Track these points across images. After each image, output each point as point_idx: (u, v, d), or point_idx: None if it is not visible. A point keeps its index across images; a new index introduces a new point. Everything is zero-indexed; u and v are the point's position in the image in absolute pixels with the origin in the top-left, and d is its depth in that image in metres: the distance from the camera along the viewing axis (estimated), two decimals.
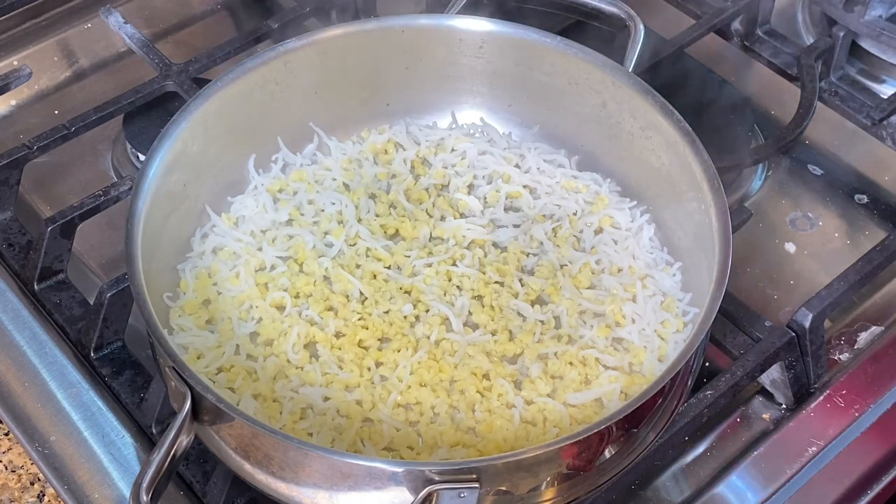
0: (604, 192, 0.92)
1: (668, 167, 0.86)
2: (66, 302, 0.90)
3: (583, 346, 0.82)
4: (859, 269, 0.88)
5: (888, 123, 1.04)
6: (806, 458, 0.82)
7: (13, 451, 0.84)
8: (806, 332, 0.84)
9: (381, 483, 0.67)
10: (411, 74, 0.95)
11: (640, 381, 0.80)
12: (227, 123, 0.88)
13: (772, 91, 1.10)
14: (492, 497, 0.68)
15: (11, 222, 0.96)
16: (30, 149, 0.97)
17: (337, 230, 0.89)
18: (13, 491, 0.82)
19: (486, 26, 0.91)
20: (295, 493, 0.71)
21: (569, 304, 0.84)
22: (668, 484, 0.82)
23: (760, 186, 1.03)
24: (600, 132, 0.92)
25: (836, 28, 1.09)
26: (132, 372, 0.86)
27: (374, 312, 0.84)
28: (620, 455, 0.73)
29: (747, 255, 0.97)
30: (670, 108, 0.85)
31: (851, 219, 1.01)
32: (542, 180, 0.93)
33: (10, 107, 1.12)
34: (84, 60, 1.16)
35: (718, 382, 0.82)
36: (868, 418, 0.84)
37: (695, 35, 1.09)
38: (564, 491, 0.72)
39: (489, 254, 0.89)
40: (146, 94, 1.02)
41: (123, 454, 0.81)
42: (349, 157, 0.95)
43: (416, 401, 0.79)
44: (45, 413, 0.83)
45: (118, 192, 0.93)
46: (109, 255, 0.97)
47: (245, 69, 0.88)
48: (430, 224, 0.90)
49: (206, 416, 0.71)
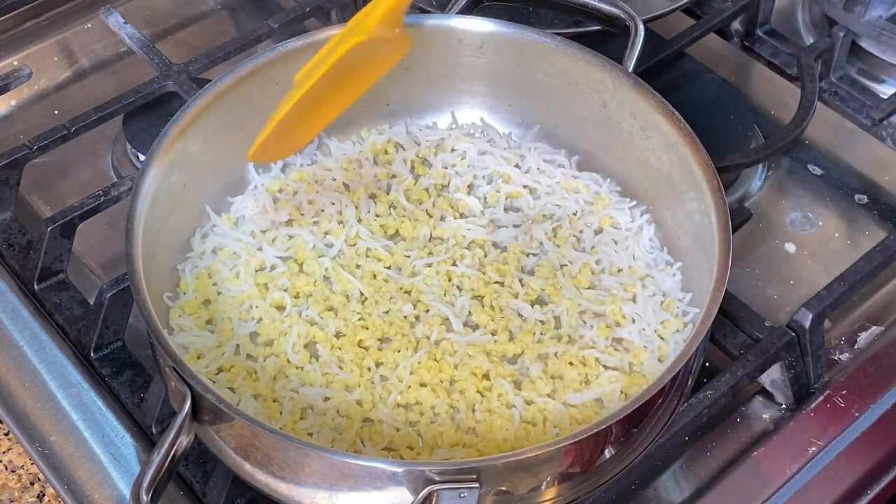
0: (604, 193, 0.92)
1: (668, 167, 0.86)
2: (66, 302, 0.90)
3: (583, 346, 0.82)
4: (859, 269, 0.88)
5: (888, 123, 1.04)
6: (806, 458, 0.82)
7: (13, 451, 0.84)
8: (806, 332, 0.84)
9: (381, 483, 0.67)
10: (411, 74, 0.95)
11: (640, 381, 0.80)
12: (227, 123, 0.88)
13: (772, 91, 1.10)
14: (492, 497, 0.68)
15: (11, 222, 0.96)
16: (30, 149, 0.97)
17: (337, 230, 0.89)
18: (13, 491, 0.82)
19: (486, 26, 0.91)
20: (295, 493, 0.71)
21: (569, 304, 0.84)
22: (668, 484, 0.82)
23: (760, 186, 1.03)
24: (600, 132, 0.92)
25: (836, 28, 1.09)
26: (132, 372, 0.86)
27: (374, 312, 0.84)
28: (620, 455, 0.73)
29: (747, 255, 0.97)
30: (670, 108, 0.85)
31: (851, 219, 1.00)
32: (542, 180, 0.93)
33: (10, 107, 1.12)
34: (84, 60, 1.16)
35: (718, 382, 0.82)
36: (868, 418, 0.84)
37: (695, 35, 1.09)
38: (564, 491, 0.72)
39: (489, 254, 0.89)
40: (146, 94, 1.02)
41: (123, 454, 0.81)
42: (349, 157, 0.95)
43: (416, 401, 0.79)
44: (45, 413, 0.83)
45: (118, 192, 0.93)
46: (109, 255, 0.97)
47: (245, 69, 0.88)
48: (430, 224, 0.90)
49: (206, 416, 0.71)
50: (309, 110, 0.82)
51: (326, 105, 0.84)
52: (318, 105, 0.83)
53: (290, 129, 0.83)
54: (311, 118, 0.84)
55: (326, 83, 0.80)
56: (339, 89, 0.83)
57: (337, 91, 0.83)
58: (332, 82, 0.81)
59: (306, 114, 0.82)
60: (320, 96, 0.81)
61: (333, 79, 0.81)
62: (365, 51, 0.80)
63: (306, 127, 0.85)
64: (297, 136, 0.86)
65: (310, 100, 0.80)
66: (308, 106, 0.81)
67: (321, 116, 0.85)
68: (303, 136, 0.88)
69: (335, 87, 0.82)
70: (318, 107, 0.83)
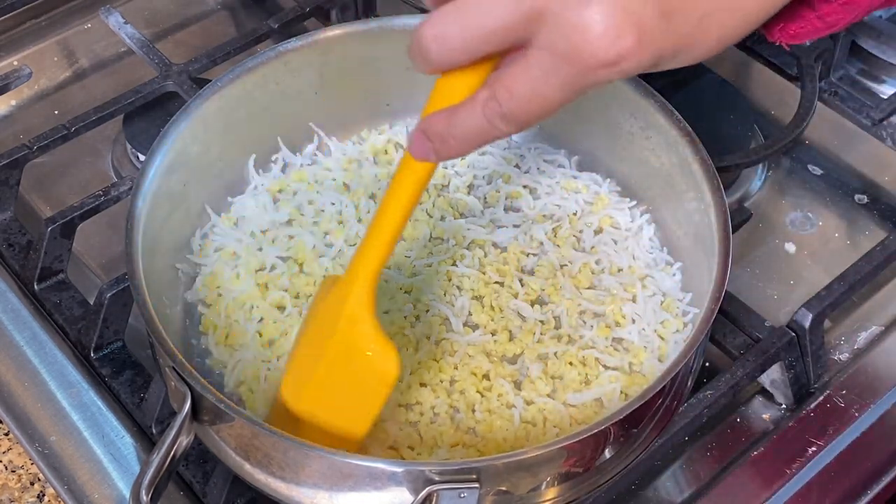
0: (604, 193, 0.92)
1: (668, 167, 0.86)
2: (66, 302, 0.90)
3: (583, 346, 0.82)
4: (859, 269, 0.88)
5: (888, 123, 1.04)
6: (806, 458, 0.82)
7: (13, 451, 0.84)
8: (806, 332, 0.84)
9: (381, 483, 0.67)
10: (411, 74, 0.93)
11: (640, 381, 0.80)
12: (227, 123, 0.88)
13: (772, 91, 1.10)
14: (492, 497, 0.68)
15: (11, 222, 0.96)
16: (30, 149, 0.97)
17: (337, 230, 0.89)
18: (13, 491, 0.82)
19: None
20: (295, 493, 0.71)
21: (569, 304, 0.84)
22: (668, 484, 0.82)
23: (760, 186, 1.03)
24: (600, 132, 0.92)
25: None
26: (132, 372, 0.86)
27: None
28: (620, 455, 0.73)
29: (747, 255, 0.97)
30: (670, 108, 0.85)
31: (851, 219, 1.01)
32: (542, 180, 0.93)
33: (10, 107, 1.12)
34: (84, 60, 1.16)
35: (718, 382, 0.82)
36: (868, 418, 0.84)
37: None
38: (564, 491, 0.72)
39: (489, 254, 0.89)
40: (146, 94, 1.02)
41: (123, 454, 0.81)
42: (349, 157, 0.95)
43: (416, 401, 0.79)
44: (45, 413, 0.83)
45: (118, 192, 0.93)
46: (109, 255, 0.97)
47: (245, 69, 0.88)
48: (429, 224, 0.90)
49: (206, 416, 0.71)
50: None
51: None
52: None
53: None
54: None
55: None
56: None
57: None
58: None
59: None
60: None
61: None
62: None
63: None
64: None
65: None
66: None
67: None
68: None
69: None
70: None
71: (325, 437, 0.72)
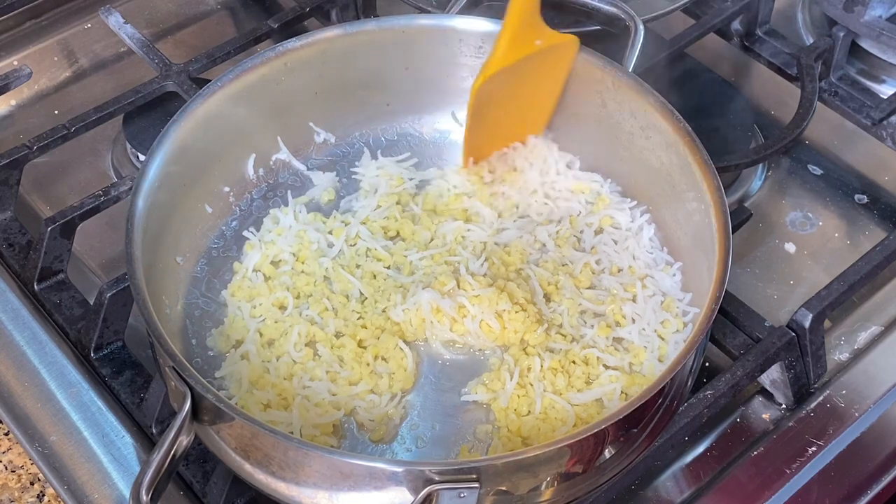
0: (604, 193, 0.92)
1: (668, 167, 0.86)
2: (66, 302, 0.90)
3: (584, 346, 0.82)
4: (859, 269, 0.88)
5: (888, 123, 1.04)
6: (806, 458, 0.82)
7: (13, 451, 0.84)
8: (806, 332, 0.84)
9: (381, 483, 0.67)
10: (411, 74, 0.95)
11: (641, 381, 0.80)
12: (227, 123, 0.88)
13: (772, 91, 1.10)
14: (492, 497, 0.68)
15: (11, 222, 0.96)
16: (30, 149, 0.97)
17: (338, 230, 0.89)
18: (13, 491, 0.82)
19: (486, 26, 0.91)
20: (295, 493, 0.71)
21: (569, 303, 0.84)
22: (668, 484, 0.82)
23: (760, 186, 1.03)
24: (600, 132, 0.92)
25: (836, 28, 1.09)
26: (132, 372, 0.86)
27: (373, 311, 0.84)
28: (620, 455, 0.73)
29: (747, 255, 0.97)
30: (670, 108, 0.85)
31: (851, 219, 1.01)
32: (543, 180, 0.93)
33: (10, 107, 1.12)
34: (84, 60, 1.16)
35: (718, 382, 0.82)
36: (868, 418, 0.84)
37: (695, 35, 1.09)
38: (564, 491, 0.72)
39: (491, 254, 0.89)
40: (146, 94, 1.02)
41: (123, 454, 0.81)
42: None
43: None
44: (45, 413, 0.83)
45: (118, 192, 0.93)
46: (109, 255, 0.97)
47: (245, 69, 0.88)
48: (430, 226, 0.90)
49: (206, 416, 0.71)
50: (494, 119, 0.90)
51: (516, 113, 0.92)
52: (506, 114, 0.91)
53: (485, 132, 0.91)
54: (503, 125, 0.92)
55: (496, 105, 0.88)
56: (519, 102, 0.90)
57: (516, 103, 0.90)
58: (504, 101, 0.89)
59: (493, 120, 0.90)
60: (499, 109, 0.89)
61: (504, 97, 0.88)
62: (512, 76, 0.87)
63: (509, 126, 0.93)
64: (502, 134, 0.93)
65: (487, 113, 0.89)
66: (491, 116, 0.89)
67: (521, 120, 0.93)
68: (510, 135, 0.94)
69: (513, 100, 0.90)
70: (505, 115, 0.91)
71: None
